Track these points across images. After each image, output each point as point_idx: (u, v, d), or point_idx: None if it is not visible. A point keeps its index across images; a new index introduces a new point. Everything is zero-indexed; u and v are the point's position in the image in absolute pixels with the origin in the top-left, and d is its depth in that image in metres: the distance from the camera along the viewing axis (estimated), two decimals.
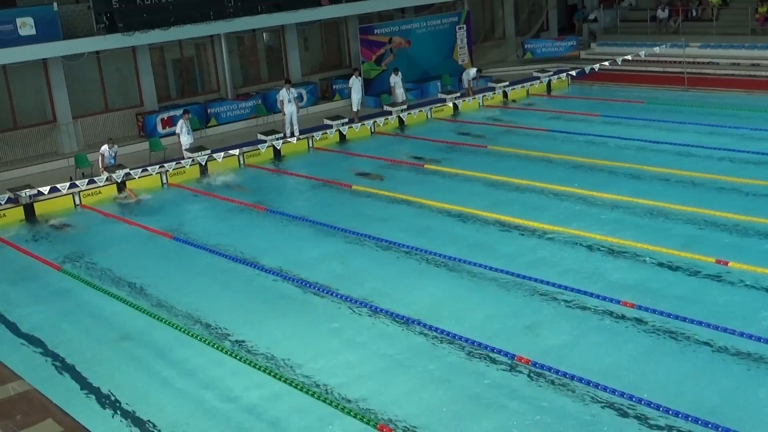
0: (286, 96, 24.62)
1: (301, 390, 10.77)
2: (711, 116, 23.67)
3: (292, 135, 24.12)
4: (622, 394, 10.09)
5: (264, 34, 29.35)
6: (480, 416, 10.13)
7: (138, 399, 11.13)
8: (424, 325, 12.29)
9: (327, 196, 19.59)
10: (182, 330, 12.80)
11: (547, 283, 13.35)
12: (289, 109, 24.61)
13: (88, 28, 24.41)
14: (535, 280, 13.48)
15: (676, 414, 9.56)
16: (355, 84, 26.21)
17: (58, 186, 19.32)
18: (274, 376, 11.16)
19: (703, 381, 10.51)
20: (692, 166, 18.90)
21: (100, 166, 21.13)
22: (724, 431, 9.18)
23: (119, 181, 20.49)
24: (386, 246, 15.71)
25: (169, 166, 21.02)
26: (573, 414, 9.97)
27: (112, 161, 21.35)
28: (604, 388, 10.21)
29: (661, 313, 11.93)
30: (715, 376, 10.61)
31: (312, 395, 10.62)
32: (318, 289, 13.98)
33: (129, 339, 13.01)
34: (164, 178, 21.49)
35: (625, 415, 9.85)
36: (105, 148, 21.28)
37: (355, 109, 26.14)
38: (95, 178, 20.14)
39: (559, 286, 13.16)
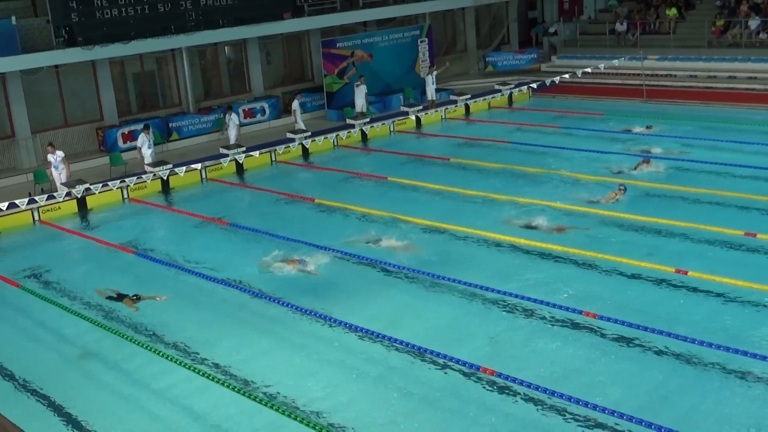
0: (231, 121, 25.05)
1: (266, 405, 10.69)
2: (669, 127, 24.04)
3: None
4: (578, 401, 10.14)
5: (226, 47, 29.28)
6: (446, 427, 10.14)
7: (100, 418, 10.95)
8: (385, 337, 12.27)
9: (289, 209, 19.51)
10: (145, 347, 12.63)
11: (504, 293, 13.45)
12: (233, 132, 24.92)
13: (47, 41, 24.17)
14: (493, 290, 13.57)
15: (640, 422, 9.64)
16: (298, 108, 26.38)
17: (16, 202, 19.02)
18: (242, 393, 11.06)
19: (664, 388, 10.63)
20: (651, 177, 19.17)
21: (51, 177, 21.24)
22: None
23: (79, 196, 20.23)
24: (352, 259, 15.73)
25: (130, 180, 20.85)
26: (541, 425, 10.03)
27: (57, 166, 21.28)
28: (564, 397, 10.28)
29: (623, 323, 12.05)
30: (677, 384, 10.71)
31: (277, 410, 10.55)
32: (281, 303, 13.89)
33: (90, 356, 12.81)
34: (125, 192, 21.30)
35: (591, 425, 9.91)
36: (49, 156, 21.29)
37: (298, 128, 26.01)
38: (54, 194, 19.89)
39: (518, 296, 13.26)
